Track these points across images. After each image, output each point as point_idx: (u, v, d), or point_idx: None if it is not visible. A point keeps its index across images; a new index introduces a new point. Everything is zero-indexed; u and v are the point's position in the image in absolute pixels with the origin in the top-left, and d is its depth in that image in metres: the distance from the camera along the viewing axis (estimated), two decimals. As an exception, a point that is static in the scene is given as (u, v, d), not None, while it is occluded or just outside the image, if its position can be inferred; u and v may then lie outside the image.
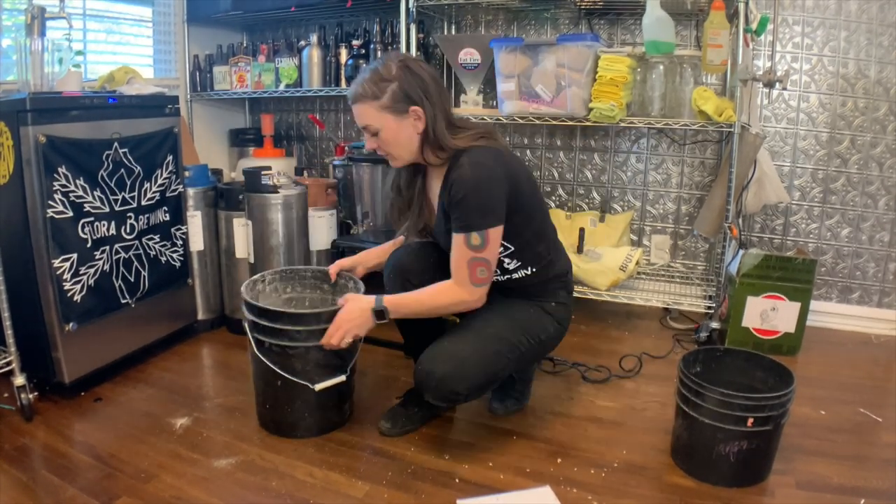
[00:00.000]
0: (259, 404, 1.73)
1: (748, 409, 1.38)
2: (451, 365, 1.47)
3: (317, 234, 2.47)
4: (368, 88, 1.48)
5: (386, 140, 1.53)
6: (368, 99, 1.49)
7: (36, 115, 1.72)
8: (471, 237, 1.44)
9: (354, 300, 1.55)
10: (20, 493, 1.42)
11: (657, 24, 2.19)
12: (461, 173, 1.45)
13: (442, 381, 1.46)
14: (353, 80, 1.55)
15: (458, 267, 1.48)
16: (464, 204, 1.44)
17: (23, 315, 1.76)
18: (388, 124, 1.50)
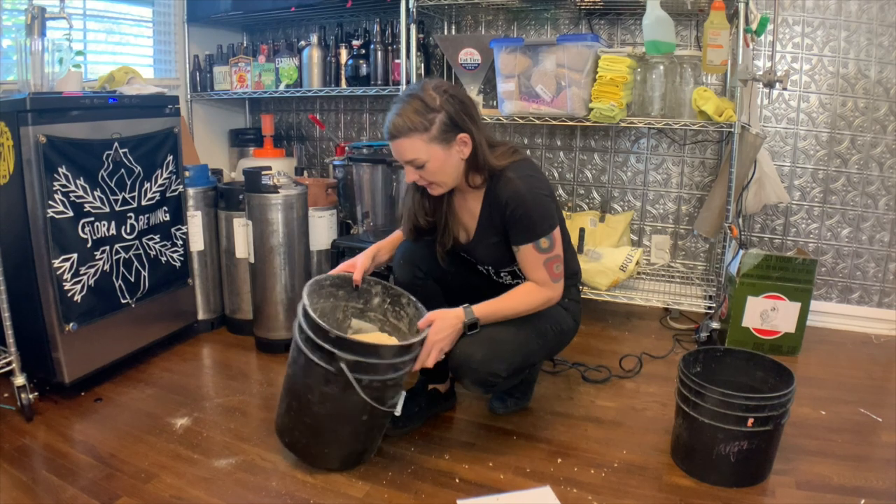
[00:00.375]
0: (320, 443, 1.51)
1: (748, 409, 1.38)
2: (489, 347, 1.50)
3: (317, 234, 2.47)
4: (416, 121, 1.42)
5: (433, 171, 1.48)
6: (417, 132, 1.43)
7: (36, 115, 1.72)
8: (540, 243, 1.51)
9: (442, 318, 1.49)
10: (20, 493, 1.42)
11: (657, 24, 2.19)
12: (514, 188, 1.49)
13: (482, 363, 1.49)
14: (390, 115, 1.45)
15: (535, 271, 1.53)
16: (526, 217, 1.49)
17: (23, 315, 1.76)
18: (437, 155, 1.46)
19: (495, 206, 1.53)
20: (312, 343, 1.39)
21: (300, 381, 1.45)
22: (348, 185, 2.63)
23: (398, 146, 1.46)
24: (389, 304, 1.67)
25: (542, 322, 1.60)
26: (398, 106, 1.45)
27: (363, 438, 1.51)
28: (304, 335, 1.41)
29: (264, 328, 2.27)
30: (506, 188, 1.50)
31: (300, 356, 1.43)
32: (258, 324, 2.29)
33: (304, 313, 1.42)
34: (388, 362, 1.41)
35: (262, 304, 2.26)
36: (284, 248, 2.22)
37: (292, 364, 1.49)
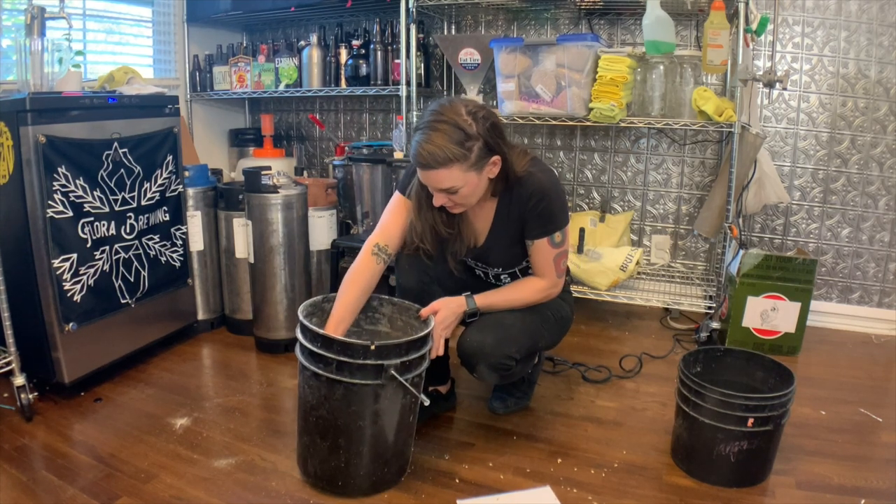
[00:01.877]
0: (381, 464, 1.42)
1: (748, 409, 1.38)
2: (500, 331, 1.54)
3: (317, 234, 2.47)
4: (456, 151, 1.36)
5: (465, 195, 1.45)
6: (457, 162, 1.37)
7: (36, 115, 1.72)
8: (554, 237, 1.55)
9: (446, 306, 1.53)
10: (20, 493, 1.42)
11: (657, 24, 2.19)
12: (539, 182, 1.51)
13: (495, 346, 1.52)
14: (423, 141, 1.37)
15: (545, 266, 1.58)
16: (547, 210, 1.52)
17: (23, 315, 1.76)
18: (472, 181, 1.43)
19: (516, 201, 1.54)
20: (351, 366, 1.29)
21: (343, 414, 1.34)
22: (348, 185, 2.63)
23: (434, 176, 1.40)
24: (360, 312, 1.58)
25: (543, 308, 1.64)
26: (430, 133, 1.36)
27: (410, 441, 1.48)
28: (334, 364, 1.30)
29: (264, 328, 2.27)
30: (530, 182, 1.52)
31: (334, 390, 1.32)
32: (258, 324, 2.29)
33: (328, 339, 1.31)
34: (422, 353, 1.39)
35: (262, 304, 2.26)
36: (284, 248, 2.21)
37: (322, 405, 1.35)
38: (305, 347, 1.35)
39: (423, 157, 1.37)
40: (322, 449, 1.39)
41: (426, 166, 1.39)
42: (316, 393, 1.36)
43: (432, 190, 1.46)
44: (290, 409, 1.90)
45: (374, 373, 1.31)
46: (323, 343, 1.31)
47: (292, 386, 2.02)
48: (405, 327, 1.58)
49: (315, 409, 1.37)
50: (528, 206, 1.52)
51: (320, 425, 1.38)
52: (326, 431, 1.37)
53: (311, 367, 1.34)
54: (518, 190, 1.53)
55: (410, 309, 1.57)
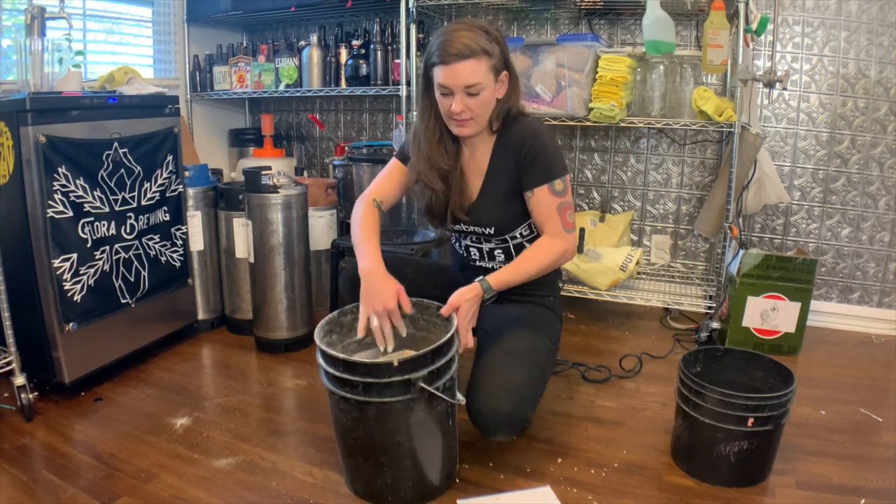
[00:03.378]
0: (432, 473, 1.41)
1: (748, 409, 1.38)
2: (514, 396, 1.41)
3: (317, 234, 2.47)
4: (485, 45, 1.40)
5: (482, 102, 1.45)
6: (485, 56, 1.41)
7: (36, 115, 1.72)
8: (554, 184, 1.50)
9: (465, 299, 1.44)
10: (20, 493, 1.42)
11: (657, 24, 2.19)
12: (531, 127, 1.51)
13: (512, 414, 1.41)
14: (449, 39, 1.39)
15: (549, 219, 1.52)
16: (543, 154, 1.49)
17: (23, 315, 1.76)
18: (490, 85, 1.44)
19: (510, 147, 1.52)
20: (378, 386, 1.26)
21: (379, 433, 1.31)
22: (348, 185, 2.63)
23: (462, 68, 1.39)
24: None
25: (542, 339, 1.57)
26: (457, 31, 1.40)
27: (454, 444, 1.46)
28: (360, 386, 1.27)
29: (264, 328, 2.27)
30: (523, 128, 1.51)
31: (366, 411, 1.29)
32: (258, 324, 2.29)
33: (350, 363, 1.27)
34: (450, 357, 1.34)
35: (262, 304, 2.26)
36: (284, 248, 2.21)
37: (356, 426, 1.33)
38: (329, 373, 1.31)
39: (455, 46, 1.38)
40: (366, 469, 1.38)
41: (457, 56, 1.38)
42: (348, 416, 1.33)
43: (456, 88, 1.42)
44: (290, 408, 1.91)
45: (403, 388, 1.27)
46: (345, 367, 1.28)
47: (292, 386, 2.02)
48: (429, 326, 1.52)
49: (350, 431, 1.35)
50: (521, 152, 1.50)
51: (359, 446, 1.36)
52: (367, 452, 1.35)
53: (338, 392, 1.30)
54: (511, 132, 1.52)
55: (430, 307, 1.50)
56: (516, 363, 1.46)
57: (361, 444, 1.35)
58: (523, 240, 1.62)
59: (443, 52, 1.40)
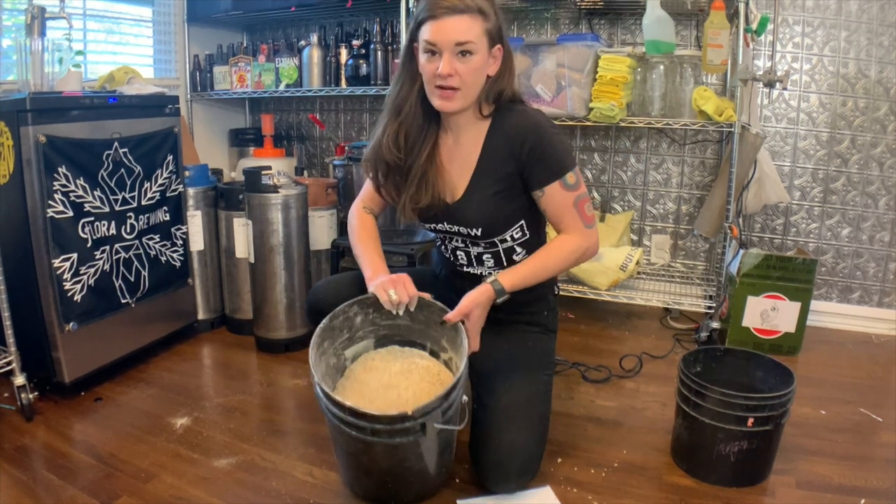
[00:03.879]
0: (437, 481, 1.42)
1: (748, 409, 1.38)
2: (521, 460, 1.38)
3: (317, 233, 2.47)
4: (482, 4, 1.30)
5: (472, 69, 1.32)
6: (481, 15, 1.30)
7: (36, 115, 1.72)
8: (566, 178, 1.37)
9: (476, 304, 1.35)
10: (20, 493, 1.42)
11: (657, 23, 2.19)
12: (532, 118, 1.38)
13: (521, 476, 1.39)
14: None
15: (565, 215, 1.40)
16: (550, 149, 1.36)
17: (23, 315, 1.76)
18: (482, 51, 1.32)
19: (507, 138, 1.38)
20: (390, 432, 1.22)
21: (387, 460, 1.29)
22: (348, 185, 2.63)
23: (454, 23, 1.28)
24: (372, 311, 1.47)
25: (542, 375, 1.50)
26: None
27: (454, 444, 1.44)
28: (368, 429, 1.22)
29: (264, 328, 2.27)
30: (521, 118, 1.38)
31: (373, 446, 1.25)
32: (258, 323, 2.29)
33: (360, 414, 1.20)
34: (459, 385, 1.28)
35: (262, 304, 2.26)
36: (284, 248, 2.21)
37: (362, 455, 1.30)
38: (334, 413, 1.25)
39: (454, 2, 1.28)
40: (369, 484, 1.38)
41: (449, 9, 1.28)
42: (353, 446, 1.30)
43: (446, 46, 1.29)
44: (290, 408, 1.91)
45: (416, 429, 1.23)
46: (355, 415, 1.21)
47: (292, 386, 2.02)
48: (427, 321, 1.45)
49: (355, 456, 1.33)
50: (523, 148, 1.35)
51: (363, 468, 1.35)
52: (370, 473, 1.34)
53: (345, 431, 1.24)
54: (508, 121, 1.39)
55: (432, 306, 1.41)
56: (520, 424, 1.38)
57: (366, 467, 1.34)
58: (514, 243, 1.48)
59: (433, 5, 1.29)
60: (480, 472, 1.41)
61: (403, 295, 1.35)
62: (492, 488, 1.40)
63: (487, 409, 1.41)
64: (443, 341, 1.46)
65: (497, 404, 1.40)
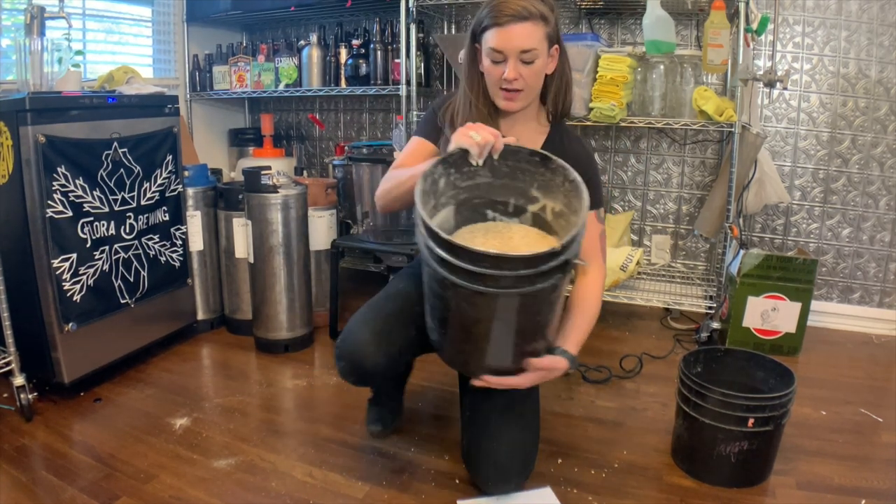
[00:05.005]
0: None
1: (749, 409, 1.38)
2: (521, 461, 1.40)
3: (316, 233, 2.46)
4: (542, 9, 1.31)
5: (535, 72, 1.34)
6: (544, 21, 1.31)
7: (35, 114, 1.72)
8: (600, 212, 1.45)
9: (552, 371, 1.29)
10: (20, 494, 1.42)
11: (657, 23, 2.19)
12: (585, 147, 1.45)
13: (521, 474, 1.41)
14: (501, 1, 1.29)
15: (592, 245, 1.41)
16: (596, 179, 1.43)
17: (22, 315, 1.76)
18: (543, 55, 1.34)
19: (566, 150, 1.38)
20: (531, 277, 1.07)
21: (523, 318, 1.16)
22: (348, 184, 2.63)
23: (521, 30, 1.29)
24: (454, 170, 1.25)
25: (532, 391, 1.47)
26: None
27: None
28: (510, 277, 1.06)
29: (264, 328, 2.27)
30: (576, 143, 1.45)
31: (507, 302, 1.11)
32: (258, 324, 2.29)
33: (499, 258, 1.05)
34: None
35: (262, 305, 2.25)
36: (284, 248, 2.21)
37: (483, 317, 1.14)
38: (463, 268, 1.07)
39: (512, 7, 1.28)
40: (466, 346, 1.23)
41: (513, 17, 1.28)
42: (479, 309, 1.13)
43: (511, 53, 1.30)
44: (289, 409, 1.90)
45: (559, 269, 1.10)
46: (494, 263, 1.05)
47: (292, 386, 2.02)
48: (512, 171, 1.28)
49: (477, 322, 1.16)
50: (579, 168, 1.29)
51: (475, 332, 1.18)
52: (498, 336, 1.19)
53: (470, 287, 1.07)
54: (570, 136, 1.45)
55: (518, 152, 1.25)
56: (519, 422, 1.41)
57: (483, 330, 1.17)
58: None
59: (497, 12, 1.30)
60: (480, 475, 1.41)
61: (487, 135, 1.21)
62: (491, 491, 1.41)
63: (483, 411, 1.42)
64: (532, 190, 1.29)
65: (494, 405, 1.41)
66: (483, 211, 1.32)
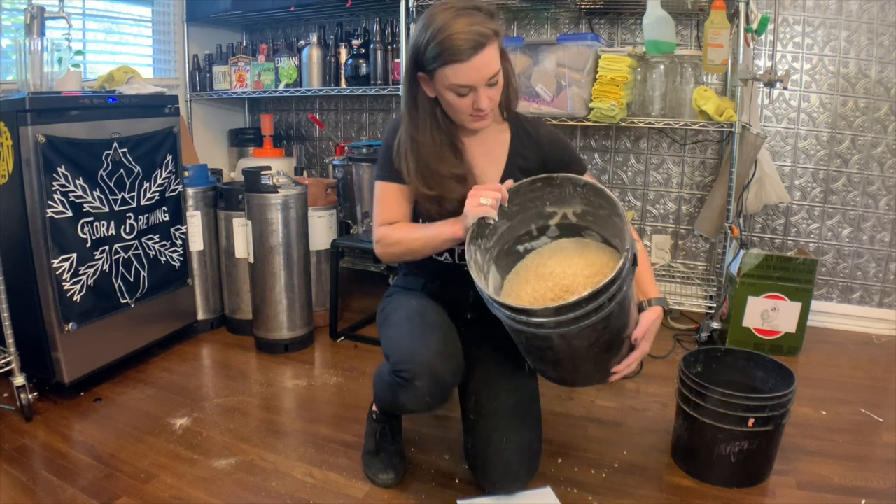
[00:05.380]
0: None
1: (749, 409, 1.38)
2: (531, 457, 1.41)
3: (316, 234, 2.46)
4: (492, 25, 1.22)
5: (500, 88, 1.30)
6: (495, 38, 1.23)
7: (35, 115, 1.72)
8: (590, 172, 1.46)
9: (653, 322, 1.31)
10: (20, 494, 1.42)
11: (658, 23, 2.19)
12: (546, 129, 1.44)
13: (529, 473, 1.42)
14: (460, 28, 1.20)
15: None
16: (573, 150, 1.46)
17: (22, 315, 1.76)
18: (501, 69, 1.28)
19: (530, 144, 1.41)
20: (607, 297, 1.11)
21: (612, 326, 1.19)
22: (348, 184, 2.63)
23: (484, 58, 1.22)
24: (480, 239, 1.29)
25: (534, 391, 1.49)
26: (458, 20, 1.20)
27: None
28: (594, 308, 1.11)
29: (264, 328, 2.27)
30: (541, 128, 1.44)
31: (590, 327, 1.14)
32: (258, 324, 2.29)
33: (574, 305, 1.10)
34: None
35: (262, 305, 2.25)
36: (284, 248, 2.21)
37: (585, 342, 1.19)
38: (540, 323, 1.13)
39: (467, 39, 1.19)
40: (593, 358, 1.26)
41: (475, 47, 1.20)
42: (579, 342, 1.18)
43: (480, 83, 1.24)
44: (289, 409, 1.90)
45: (627, 269, 1.14)
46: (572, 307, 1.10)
47: (292, 386, 2.02)
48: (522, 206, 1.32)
49: (582, 350, 1.21)
50: (551, 150, 1.40)
51: (582, 356, 1.23)
52: (592, 352, 1.22)
53: (558, 331, 1.14)
54: (525, 129, 1.42)
55: (518, 188, 1.29)
56: (527, 422, 1.41)
57: (592, 351, 1.22)
58: None
59: (453, 49, 1.20)
60: (488, 476, 1.39)
61: (493, 193, 1.23)
62: (498, 491, 1.40)
63: (489, 413, 1.41)
64: (546, 208, 1.33)
65: (500, 407, 1.40)
66: (514, 249, 1.38)
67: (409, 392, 1.28)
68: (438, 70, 1.24)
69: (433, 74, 1.27)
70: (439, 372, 1.28)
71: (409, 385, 1.27)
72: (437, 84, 1.28)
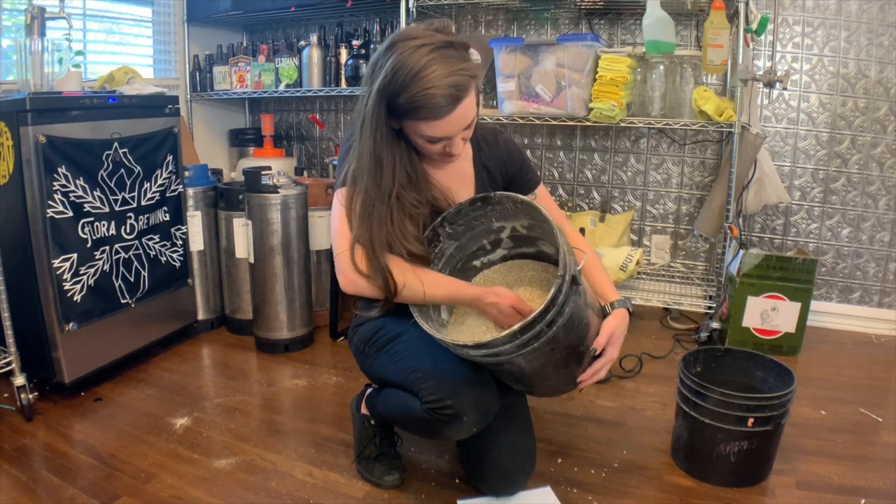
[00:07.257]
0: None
1: (748, 409, 1.38)
2: (528, 458, 1.42)
3: (316, 233, 2.46)
4: (470, 69, 1.14)
5: (472, 128, 1.23)
6: (473, 84, 1.15)
7: (36, 115, 1.72)
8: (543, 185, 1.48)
9: (619, 327, 1.29)
10: (20, 493, 1.42)
11: (657, 24, 2.19)
12: (503, 136, 1.44)
13: (527, 474, 1.42)
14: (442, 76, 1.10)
15: (557, 211, 1.48)
16: (527, 162, 1.45)
17: (23, 315, 1.76)
18: (476, 113, 1.22)
19: (493, 159, 1.40)
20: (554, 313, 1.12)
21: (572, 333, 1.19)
22: (348, 185, 2.62)
23: (462, 110, 1.14)
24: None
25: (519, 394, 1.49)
26: (434, 67, 1.09)
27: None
28: (546, 333, 1.13)
29: (264, 328, 2.27)
30: (500, 141, 1.42)
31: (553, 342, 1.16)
32: (258, 324, 2.29)
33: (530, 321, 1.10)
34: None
35: (262, 304, 2.26)
36: (284, 248, 2.21)
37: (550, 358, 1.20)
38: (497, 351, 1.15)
39: (451, 91, 1.10)
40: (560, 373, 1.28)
41: (454, 101, 1.12)
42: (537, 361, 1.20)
43: (457, 133, 1.18)
44: (290, 408, 1.91)
45: (571, 285, 1.14)
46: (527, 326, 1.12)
47: (292, 386, 2.02)
48: (469, 224, 1.34)
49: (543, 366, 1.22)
50: (511, 162, 1.40)
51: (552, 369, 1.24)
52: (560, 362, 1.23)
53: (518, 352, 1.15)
54: (486, 143, 1.40)
55: (461, 209, 1.30)
56: (513, 425, 1.41)
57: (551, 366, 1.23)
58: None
59: (430, 106, 1.11)
60: (487, 482, 1.40)
61: (505, 301, 1.24)
62: (499, 494, 1.41)
63: None
64: (494, 223, 1.35)
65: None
66: (470, 265, 1.42)
67: (456, 427, 1.23)
68: (411, 121, 1.17)
69: (402, 121, 1.19)
70: (483, 402, 1.24)
71: (456, 421, 1.21)
72: (408, 128, 1.20)
